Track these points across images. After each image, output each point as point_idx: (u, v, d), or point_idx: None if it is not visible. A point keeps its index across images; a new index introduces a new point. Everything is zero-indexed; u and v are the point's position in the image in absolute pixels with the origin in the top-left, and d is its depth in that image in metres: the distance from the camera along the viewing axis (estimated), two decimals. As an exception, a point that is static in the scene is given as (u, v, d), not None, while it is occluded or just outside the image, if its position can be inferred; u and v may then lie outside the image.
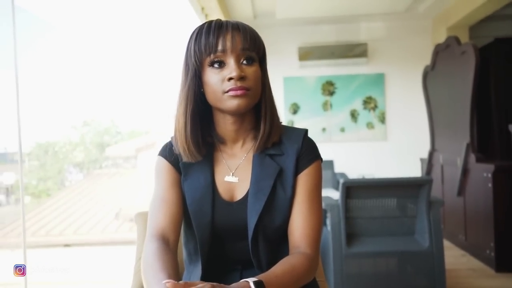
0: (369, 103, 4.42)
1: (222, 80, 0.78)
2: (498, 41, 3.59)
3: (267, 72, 0.87)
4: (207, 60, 0.79)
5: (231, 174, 0.85)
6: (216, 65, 0.79)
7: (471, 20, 3.83)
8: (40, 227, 5.86)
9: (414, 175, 4.16)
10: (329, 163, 4.02)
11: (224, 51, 0.78)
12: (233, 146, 0.88)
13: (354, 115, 4.43)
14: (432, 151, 3.86)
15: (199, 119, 0.83)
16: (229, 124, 0.84)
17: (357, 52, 4.30)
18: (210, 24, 0.80)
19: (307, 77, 4.46)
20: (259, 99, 0.84)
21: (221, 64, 0.79)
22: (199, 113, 0.83)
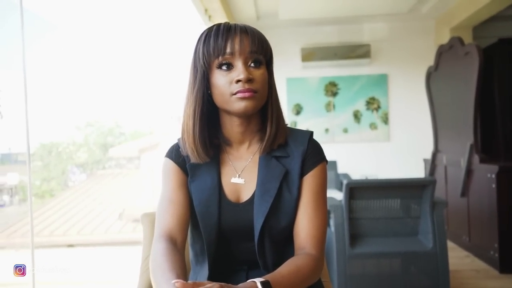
0: (372, 103, 4.42)
1: (230, 82, 0.79)
2: (502, 42, 3.58)
3: (273, 75, 0.88)
4: (216, 62, 0.80)
5: (237, 175, 0.86)
6: (224, 67, 0.80)
7: (474, 21, 3.82)
8: (43, 227, 5.89)
9: (417, 176, 4.15)
10: (332, 164, 4.02)
11: (232, 54, 0.79)
12: (239, 148, 0.89)
13: (357, 116, 4.43)
14: (436, 151, 3.86)
15: (206, 121, 0.84)
16: (235, 126, 0.85)
17: (360, 53, 4.30)
18: (219, 27, 0.81)
19: (310, 78, 4.46)
20: (266, 102, 0.85)
21: (229, 67, 0.80)
22: (206, 115, 0.84)
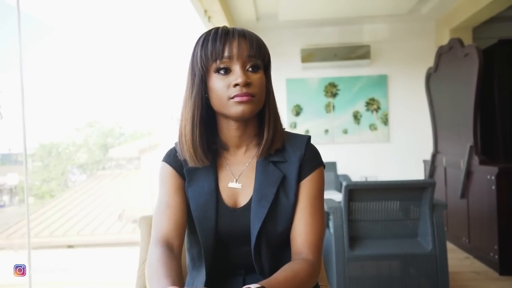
0: (372, 104, 4.42)
1: (228, 86, 0.79)
2: (502, 43, 3.58)
3: (271, 79, 0.88)
4: (213, 66, 0.80)
5: (234, 180, 0.86)
6: (222, 71, 0.80)
7: (474, 22, 3.82)
8: (43, 228, 5.88)
9: (417, 177, 4.14)
10: (331, 165, 4.02)
11: (230, 58, 0.79)
12: (236, 152, 0.89)
13: (357, 117, 4.43)
14: (435, 153, 3.85)
15: (205, 125, 0.84)
16: (232, 130, 0.85)
17: (360, 53, 4.30)
18: (217, 31, 0.81)
19: (309, 78, 4.46)
20: (263, 106, 0.85)
21: (227, 71, 0.80)
22: (205, 119, 0.84)
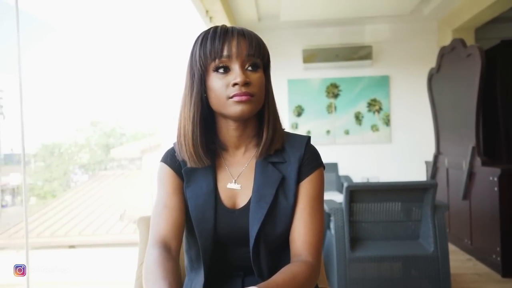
0: (374, 105, 4.40)
1: (227, 86, 0.78)
2: (504, 43, 3.56)
3: (270, 79, 0.87)
4: (212, 65, 0.79)
5: (233, 181, 0.85)
6: (221, 71, 0.79)
7: (477, 22, 3.80)
8: (45, 228, 5.89)
9: (418, 178, 4.13)
10: (333, 166, 4.01)
11: (229, 57, 0.78)
12: (235, 153, 0.88)
13: (358, 118, 4.41)
14: (437, 154, 3.84)
15: (204, 125, 0.84)
16: (231, 130, 0.84)
17: (361, 54, 4.29)
18: (216, 30, 0.80)
19: (311, 79, 4.45)
20: (262, 106, 0.84)
21: (226, 70, 0.79)
22: (205, 119, 0.83)
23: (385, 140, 4.39)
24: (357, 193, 2.11)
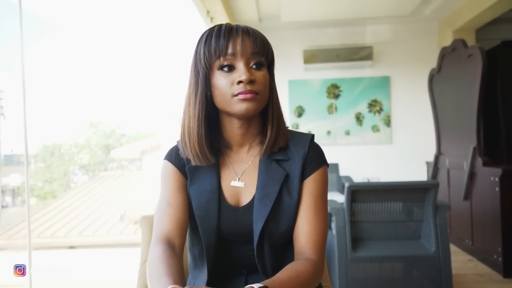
0: (374, 106, 4.40)
1: (231, 84, 0.78)
2: (505, 44, 3.56)
3: (274, 77, 0.87)
4: (217, 63, 0.79)
5: (237, 179, 0.85)
6: (225, 69, 0.79)
7: (477, 23, 3.80)
8: (45, 228, 5.88)
9: (419, 179, 4.13)
10: (334, 166, 4.01)
11: (234, 55, 0.78)
12: (239, 151, 0.88)
13: (359, 118, 4.41)
14: (438, 154, 3.83)
15: (209, 123, 0.84)
16: (235, 128, 0.84)
17: (362, 55, 4.29)
18: (220, 28, 0.80)
19: (312, 80, 4.45)
20: (266, 104, 0.84)
21: (230, 68, 0.79)
22: (210, 117, 0.83)
23: (386, 140, 4.39)
24: (359, 193, 2.11)
